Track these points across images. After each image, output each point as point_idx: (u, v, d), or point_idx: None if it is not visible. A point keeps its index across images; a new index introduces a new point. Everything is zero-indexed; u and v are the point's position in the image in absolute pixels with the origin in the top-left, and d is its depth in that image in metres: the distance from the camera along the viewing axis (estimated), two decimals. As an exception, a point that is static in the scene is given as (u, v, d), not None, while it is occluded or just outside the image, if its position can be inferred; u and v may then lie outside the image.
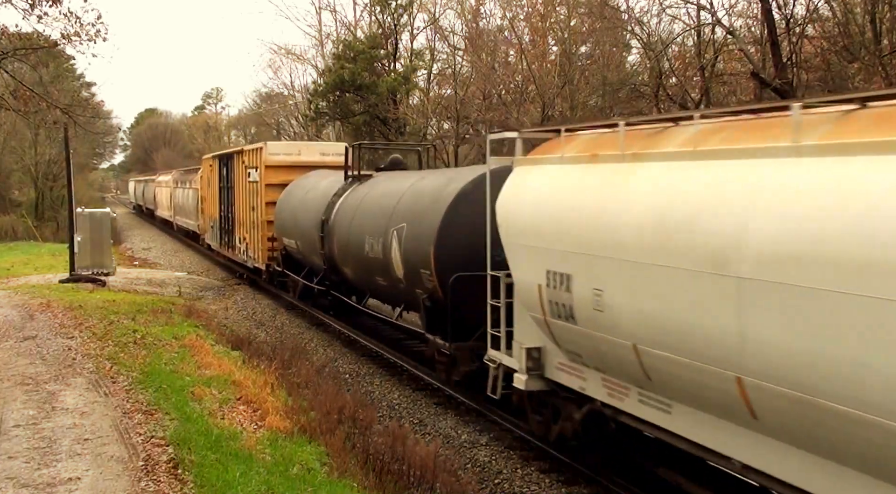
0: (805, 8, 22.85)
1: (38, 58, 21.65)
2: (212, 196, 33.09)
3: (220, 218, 31.17)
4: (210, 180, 33.55)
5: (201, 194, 36.71)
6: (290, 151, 25.14)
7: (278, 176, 24.24)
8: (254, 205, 25.27)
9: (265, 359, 14.54)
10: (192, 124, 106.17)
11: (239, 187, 27.55)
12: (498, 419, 12.17)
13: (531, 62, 30.86)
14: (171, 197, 49.76)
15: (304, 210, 20.55)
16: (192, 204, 40.51)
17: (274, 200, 23.74)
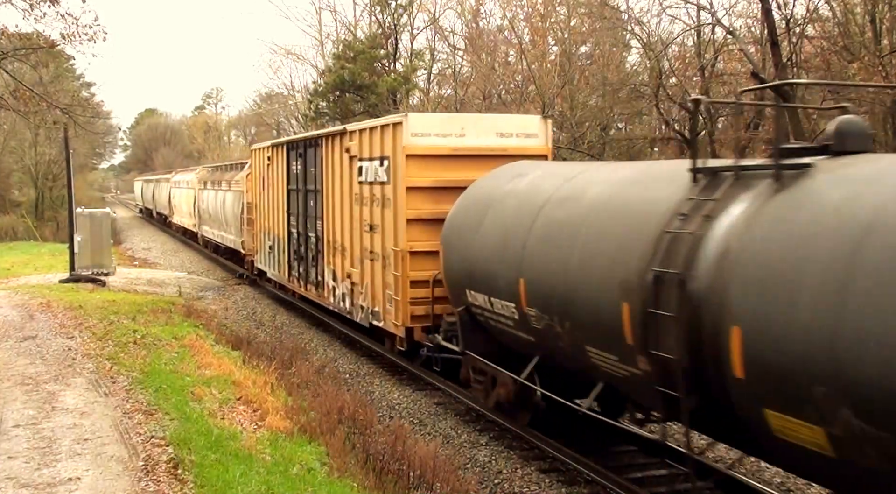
0: (805, 8, 22.90)
1: (38, 58, 21.62)
2: (270, 203, 23.42)
3: (290, 237, 21.14)
4: (268, 180, 23.66)
5: (249, 199, 27.07)
6: (448, 130, 14.39)
7: (428, 172, 14.12)
8: (373, 221, 15.28)
9: (265, 359, 14.54)
10: (192, 124, 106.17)
11: (335, 189, 17.44)
12: (498, 419, 12.17)
13: (531, 62, 30.87)
14: (197, 201, 38.66)
15: (553, 245, 9.75)
16: (233, 213, 29.95)
17: (423, 215, 14.03)
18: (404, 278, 13.94)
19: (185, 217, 44.62)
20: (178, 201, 46.33)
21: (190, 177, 41.81)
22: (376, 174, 15.02)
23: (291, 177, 20.99)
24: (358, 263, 16.09)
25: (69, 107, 23.07)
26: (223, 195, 31.84)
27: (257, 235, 25.59)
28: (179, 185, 45.62)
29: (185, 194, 42.98)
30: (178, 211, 47.16)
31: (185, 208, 43.91)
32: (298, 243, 20.52)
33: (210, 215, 35.06)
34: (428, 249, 13.67)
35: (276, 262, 22.99)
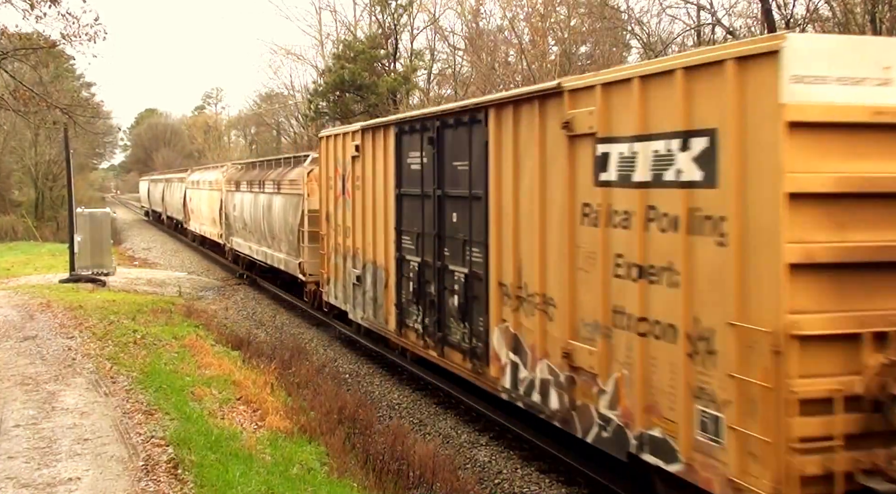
0: (805, 8, 22.89)
1: (38, 58, 21.62)
2: (358, 213, 16.14)
3: (403, 267, 14.13)
4: (353, 180, 16.31)
5: (312, 205, 19.91)
6: (862, 69, 6.65)
7: (829, 161, 6.69)
8: (654, 259, 7.94)
9: (265, 359, 14.55)
10: (192, 124, 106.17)
11: (523, 195, 10.48)
12: (498, 419, 12.17)
13: (531, 62, 30.87)
14: (224, 206, 31.19)
15: None
16: (284, 223, 22.44)
17: (821, 255, 6.65)
18: (779, 393, 6.51)
19: (206, 224, 36.46)
20: (197, 205, 38.77)
21: (213, 176, 34.59)
22: (663, 168, 7.72)
23: (406, 175, 13.70)
24: (595, 333, 8.82)
25: (69, 107, 23.07)
26: (267, 200, 24.30)
27: (329, 257, 18.12)
28: (199, 185, 37.96)
29: (207, 197, 35.41)
30: (196, 216, 39.46)
31: (205, 213, 36.35)
32: (421, 278, 13.13)
33: (245, 225, 27.33)
34: (832, 329, 6.61)
35: (368, 301, 15.74)
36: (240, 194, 28.15)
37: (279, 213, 22.98)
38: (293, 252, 21.78)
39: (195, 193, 39.12)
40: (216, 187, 32.90)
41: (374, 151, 15.06)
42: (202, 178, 37.48)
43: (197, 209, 38.87)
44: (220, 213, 31.89)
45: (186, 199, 41.73)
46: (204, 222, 36.95)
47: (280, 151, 56.67)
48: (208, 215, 35.34)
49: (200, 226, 38.26)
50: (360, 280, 16.02)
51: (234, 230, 29.63)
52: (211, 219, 34.65)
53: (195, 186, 39.03)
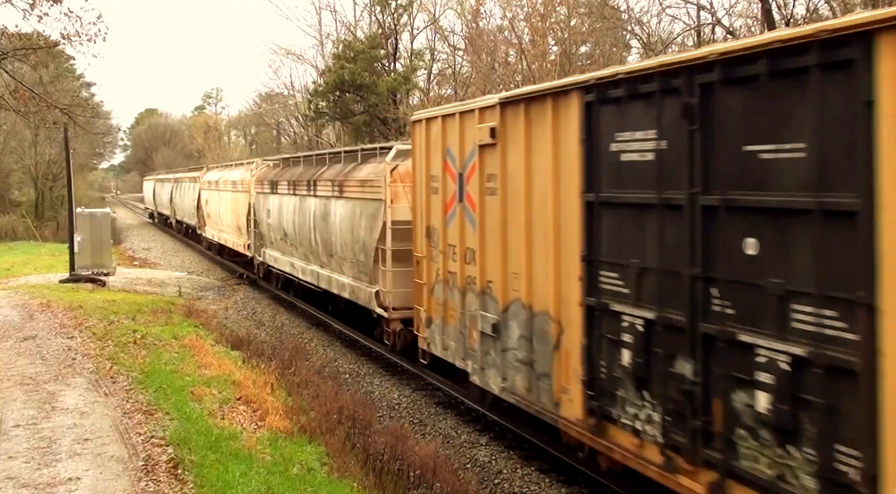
0: (805, 8, 22.89)
1: (38, 58, 21.60)
2: (488, 228, 11.19)
3: (592, 317, 8.82)
4: (479, 178, 11.33)
5: (397, 215, 15.32)
6: None
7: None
8: None
9: (265, 359, 14.54)
10: (192, 124, 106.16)
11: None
12: (498, 419, 12.17)
13: (531, 62, 30.87)
14: (254, 212, 25.89)
15: None
16: (348, 238, 17.52)
17: None
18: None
19: (227, 232, 31.35)
20: (215, 209, 33.27)
21: (238, 175, 29.41)
22: None
23: (611, 171, 8.50)
24: None
25: (69, 107, 23.08)
26: (321, 206, 18.93)
27: (430, 289, 13.16)
28: (217, 186, 32.58)
29: (230, 200, 30.00)
30: (213, 222, 34.31)
31: (226, 219, 31.08)
32: (651, 346, 7.89)
33: (285, 236, 22.18)
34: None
35: (514, 364, 10.56)
36: (276, 198, 22.93)
37: (342, 223, 17.63)
38: (364, 277, 16.58)
39: (213, 195, 33.79)
40: (242, 187, 27.68)
41: (531, 134, 9.90)
42: (223, 177, 32.11)
43: (215, 214, 33.54)
44: (248, 220, 26.63)
45: (201, 201, 36.59)
46: (224, 228, 31.71)
47: (280, 151, 56.60)
48: (230, 222, 30.19)
49: (219, 233, 32.91)
50: (497, 331, 10.83)
51: (267, 242, 24.52)
52: (234, 226, 29.52)
53: (212, 186, 33.71)
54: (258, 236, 25.65)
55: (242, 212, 27.72)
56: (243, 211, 27.56)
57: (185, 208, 43.41)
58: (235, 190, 29.00)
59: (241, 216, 28.23)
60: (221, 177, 32.51)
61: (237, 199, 28.70)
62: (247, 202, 26.76)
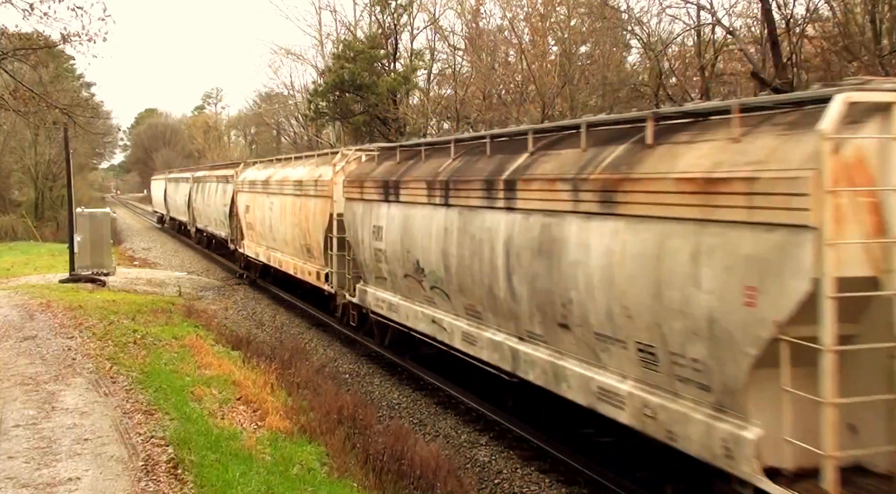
0: (805, 8, 22.87)
1: (38, 58, 21.57)
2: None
3: None
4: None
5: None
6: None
7: None
8: None
9: (265, 359, 14.55)
10: (192, 124, 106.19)
11: None
12: (498, 419, 12.17)
13: (531, 62, 30.87)
14: (348, 229, 17.10)
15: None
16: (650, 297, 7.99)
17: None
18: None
19: (283, 251, 23.13)
20: (263, 219, 24.94)
21: (307, 172, 20.80)
22: None
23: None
24: None
25: (69, 107, 23.05)
26: (531, 230, 10.08)
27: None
28: (266, 188, 24.53)
29: (291, 208, 21.64)
30: (258, 236, 26.03)
31: (284, 235, 22.60)
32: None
33: (421, 271, 13.57)
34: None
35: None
36: (397, 209, 14.24)
37: (621, 269, 8.45)
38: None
39: (258, 199, 25.66)
40: (318, 191, 19.28)
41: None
42: (276, 175, 23.89)
43: (262, 225, 25.11)
44: (328, 240, 18.53)
45: (237, 208, 28.53)
46: (279, 246, 23.50)
47: (280, 151, 56.59)
48: (292, 238, 21.82)
49: (268, 252, 24.64)
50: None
51: (371, 276, 16.04)
52: (298, 246, 21.26)
53: (257, 188, 25.79)
54: (349, 264, 17.52)
55: (317, 227, 19.28)
56: (319, 226, 19.13)
57: (209, 214, 35.19)
58: (303, 194, 20.52)
59: (312, 233, 19.76)
60: (273, 175, 24.21)
61: (307, 207, 20.11)
62: (326, 213, 18.53)
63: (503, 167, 10.86)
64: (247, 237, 27.65)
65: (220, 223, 32.86)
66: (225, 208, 31.25)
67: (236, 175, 29.47)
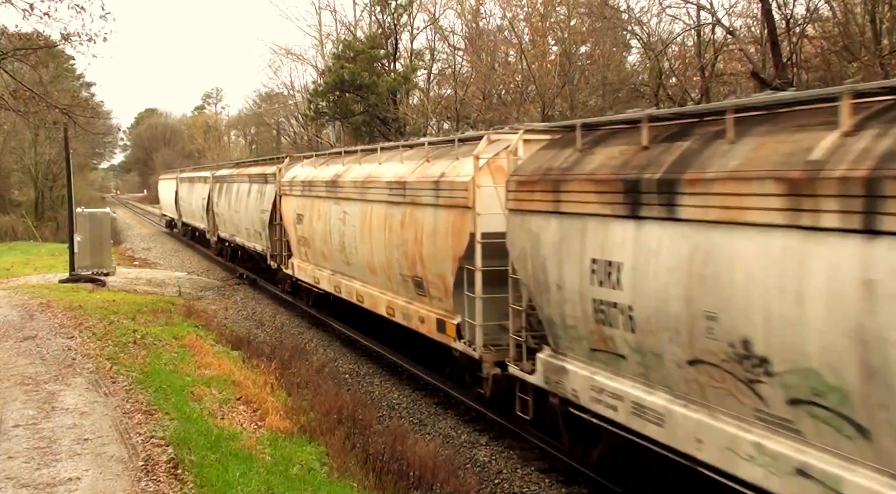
0: (805, 8, 22.89)
1: (38, 58, 21.58)
2: None
3: None
4: None
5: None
6: None
7: None
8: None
9: (265, 359, 14.55)
10: (192, 124, 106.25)
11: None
12: (498, 419, 12.17)
13: (531, 62, 30.87)
14: (565, 268, 9.21)
15: None
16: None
17: None
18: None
19: (371, 279, 16.29)
20: (322, 232, 18.84)
21: (413, 170, 14.34)
22: None
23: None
24: None
25: (69, 107, 23.05)
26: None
27: None
28: (332, 190, 18.05)
29: (379, 220, 15.37)
30: (318, 256, 19.48)
31: (363, 257, 16.33)
32: None
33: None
34: None
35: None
36: (692, 234, 7.33)
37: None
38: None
39: (318, 206, 18.97)
40: (443, 197, 12.91)
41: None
42: (349, 174, 17.38)
43: (325, 242, 18.55)
44: (461, 274, 12.28)
45: (282, 216, 22.35)
46: (360, 273, 16.74)
47: (280, 151, 56.53)
48: (392, 268, 14.88)
49: (335, 279, 18.12)
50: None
51: (585, 344, 9.24)
52: (401, 279, 14.58)
53: (316, 190, 19.14)
54: (515, 316, 11.15)
55: (441, 252, 12.86)
56: (445, 250, 12.75)
57: (238, 222, 28.62)
58: (408, 201, 14.03)
59: (428, 260, 13.31)
60: (345, 173, 17.54)
61: (418, 221, 13.64)
62: (462, 231, 12.15)
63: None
64: (297, 255, 21.23)
65: (253, 234, 26.26)
66: (262, 215, 24.41)
67: (279, 173, 23.07)
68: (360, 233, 16.17)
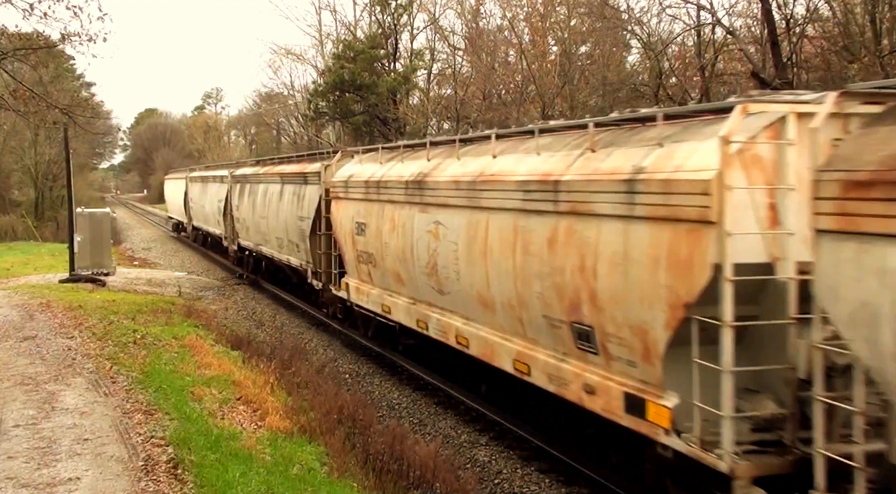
0: (805, 8, 22.90)
1: (38, 58, 21.57)
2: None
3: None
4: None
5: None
6: None
7: None
8: None
9: (265, 359, 14.55)
10: (192, 124, 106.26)
11: None
12: (498, 419, 12.17)
13: (531, 62, 30.86)
14: None
15: None
16: None
17: None
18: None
19: (514, 335, 10.80)
20: (397, 248, 14.18)
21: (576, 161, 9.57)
22: None
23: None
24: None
25: (69, 107, 23.05)
26: None
27: None
28: (414, 193, 13.52)
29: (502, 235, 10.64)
30: (387, 277, 15.00)
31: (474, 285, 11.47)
32: None
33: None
34: None
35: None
36: None
37: None
38: None
39: (389, 213, 14.65)
40: (669, 206, 7.80)
41: None
42: (444, 171, 12.90)
43: (399, 259, 14.16)
44: (676, 322, 7.72)
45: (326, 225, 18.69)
46: (455, 299, 12.34)
47: (280, 151, 56.53)
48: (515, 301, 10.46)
49: (415, 309, 13.83)
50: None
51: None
52: (531, 319, 10.20)
53: (388, 192, 14.76)
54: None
55: (653, 293, 8.03)
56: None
57: (267, 230, 24.38)
58: (583, 212, 9.11)
59: (636, 304, 8.31)
60: (438, 170, 13.08)
61: (630, 236, 8.37)
62: (701, 262, 7.44)
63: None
64: (355, 274, 16.98)
65: (287, 246, 22.23)
66: (301, 223, 20.32)
67: (326, 172, 18.77)
68: (466, 252, 11.63)
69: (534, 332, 10.17)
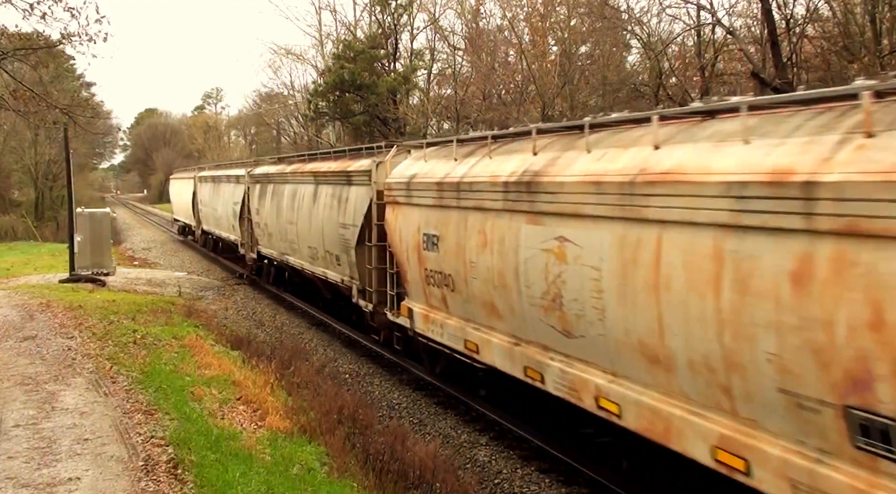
0: (805, 8, 22.92)
1: (38, 58, 21.58)
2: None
3: None
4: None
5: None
6: None
7: None
8: None
9: (265, 359, 14.55)
10: (192, 124, 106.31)
11: None
12: (498, 419, 12.17)
13: (531, 62, 30.87)
14: None
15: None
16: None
17: None
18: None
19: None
20: (489, 269, 10.60)
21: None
22: None
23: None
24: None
25: (69, 107, 23.05)
26: None
27: None
28: (624, 204, 7.90)
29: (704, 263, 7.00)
30: (470, 306, 11.51)
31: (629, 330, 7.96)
32: None
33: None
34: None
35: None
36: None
37: None
38: None
39: (495, 226, 10.48)
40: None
41: None
42: (584, 169, 8.73)
43: (495, 284, 10.55)
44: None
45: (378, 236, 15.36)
46: (594, 348, 8.69)
47: (280, 151, 56.52)
48: (722, 363, 6.86)
49: (520, 352, 10.25)
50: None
51: None
52: (754, 394, 6.65)
53: (475, 198, 11.04)
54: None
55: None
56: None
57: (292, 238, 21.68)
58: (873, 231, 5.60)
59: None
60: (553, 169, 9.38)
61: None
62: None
63: None
64: (421, 298, 13.46)
65: (322, 257, 19.06)
66: (342, 231, 17.32)
67: (378, 170, 15.54)
68: (618, 283, 8.10)
69: (755, 410, 6.72)
